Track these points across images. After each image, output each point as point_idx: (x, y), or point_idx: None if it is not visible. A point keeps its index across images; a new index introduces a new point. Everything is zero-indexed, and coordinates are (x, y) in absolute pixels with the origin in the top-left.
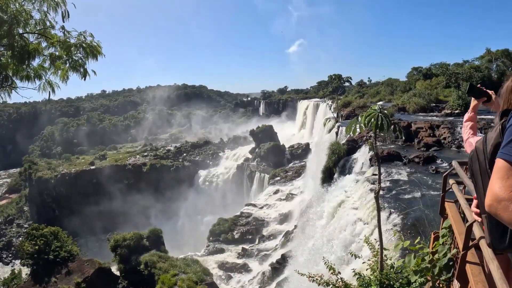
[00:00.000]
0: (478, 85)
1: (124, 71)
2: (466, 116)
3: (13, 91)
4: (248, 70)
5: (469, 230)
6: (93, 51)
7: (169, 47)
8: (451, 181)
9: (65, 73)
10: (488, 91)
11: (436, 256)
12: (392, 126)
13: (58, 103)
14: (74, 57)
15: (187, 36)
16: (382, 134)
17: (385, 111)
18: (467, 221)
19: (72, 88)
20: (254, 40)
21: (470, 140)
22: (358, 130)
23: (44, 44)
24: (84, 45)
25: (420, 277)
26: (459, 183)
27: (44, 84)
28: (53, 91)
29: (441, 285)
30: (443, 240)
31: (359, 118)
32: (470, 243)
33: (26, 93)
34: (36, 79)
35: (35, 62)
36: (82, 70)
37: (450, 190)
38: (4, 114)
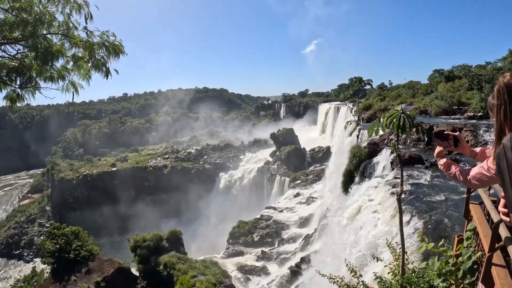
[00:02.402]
0: (445, 131)
1: (145, 75)
2: (444, 164)
3: (36, 91)
4: (269, 74)
5: (495, 231)
6: (116, 50)
7: (190, 50)
8: None
9: (88, 72)
10: (454, 134)
11: (460, 259)
12: (414, 129)
13: (80, 105)
14: (96, 56)
15: (208, 39)
16: (404, 135)
17: (408, 112)
18: (493, 222)
19: (95, 91)
20: (274, 44)
21: (468, 171)
22: (380, 131)
23: (67, 45)
24: (106, 43)
25: (443, 280)
26: None
27: (68, 85)
28: (77, 91)
29: None
30: (468, 242)
31: (381, 119)
32: (496, 245)
33: (49, 93)
34: (59, 80)
35: (59, 63)
36: (104, 69)
37: (474, 192)
38: (27, 116)
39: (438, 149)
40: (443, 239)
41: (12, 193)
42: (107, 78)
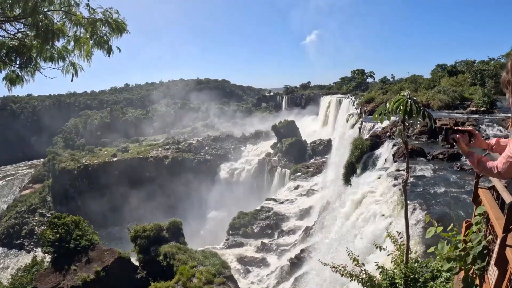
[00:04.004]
0: (456, 127)
1: (147, 65)
2: (473, 162)
3: (36, 72)
4: (271, 65)
5: (510, 211)
6: (119, 27)
7: (192, 41)
8: None
9: (89, 50)
10: (467, 129)
11: (470, 244)
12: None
13: (82, 96)
14: (99, 33)
15: (210, 30)
16: (411, 121)
17: (415, 98)
18: (504, 206)
19: (96, 81)
20: (277, 35)
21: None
22: (385, 119)
23: (68, 25)
24: (110, 20)
25: (447, 270)
26: None
27: (68, 66)
28: (76, 73)
29: (474, 275)
30: (477, 227)
31: (387, 104)
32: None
33: (49, 73)
34: (59, 61)
35: (59, 43)
36: (106, 46)
37: (483, 176)
38: (29, 106)
39: (461, 147)
40: (452, 224)
41: (13, 183)
42: (109, 56)
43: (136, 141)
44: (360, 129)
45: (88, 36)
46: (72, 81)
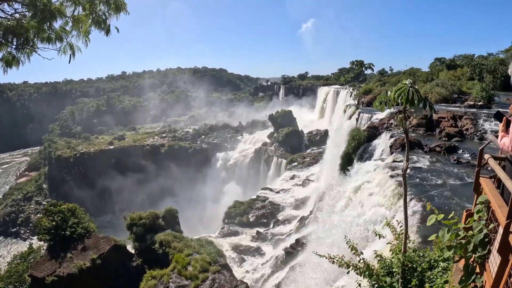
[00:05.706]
0: (503, 114)
1: (144, 54)
2: (499, 138)
3: (33, 53)
4: (269, 55)
5: None
6: (118, 5)
7: (192, 30)
8: (486, 155)
9: (87, 29)
10: (507, 117)
11: (470, 232)
12: (422, 102)
13: (78, 83)
14: (97, 12)
15: (208, 18)
16: (412, 110)
17: (416, 87)
18: (508, 193)
19: (93, 69)
20: (275, 25)
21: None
22: (386, 107)
23: (67, 4)
24: None
25: (443, 260)
26: (496, 158)
27: (65, 47)
28: (74, 54)
29: (474, 264)
30: (478, 215)
31: (389, 92)
32: None
33: (47, 54)
34: (57, 42)
35: (57, 24)
36: (105, 26)
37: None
38: (25, 94)
39: (502, 125)
40: (453, 212)
41: (9, 171)
42: (107, 35)
43: (132, 129)
44: (357, 120)
45: (86, 13)
46: (69, 62)
